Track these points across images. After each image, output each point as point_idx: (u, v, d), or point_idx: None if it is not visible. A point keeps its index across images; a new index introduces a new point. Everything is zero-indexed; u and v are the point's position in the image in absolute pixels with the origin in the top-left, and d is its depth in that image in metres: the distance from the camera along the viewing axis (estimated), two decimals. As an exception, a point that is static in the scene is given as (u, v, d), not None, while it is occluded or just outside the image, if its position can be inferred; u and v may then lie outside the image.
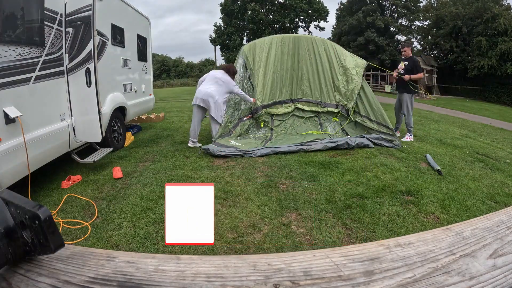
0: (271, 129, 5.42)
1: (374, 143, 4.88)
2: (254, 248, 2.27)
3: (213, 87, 4.71)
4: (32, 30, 2.97)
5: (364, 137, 4.97)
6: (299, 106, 5.67)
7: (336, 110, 5.53)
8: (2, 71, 2.56)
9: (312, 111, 5.69)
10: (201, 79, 5.09)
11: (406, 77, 5.32)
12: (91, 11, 3.41)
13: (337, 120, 5.56)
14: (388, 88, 26.05)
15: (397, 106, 5.75)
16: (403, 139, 5.44)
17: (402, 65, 5.55)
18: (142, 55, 6.11)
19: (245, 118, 5.27)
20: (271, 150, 4.48)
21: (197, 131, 4.95)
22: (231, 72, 4.92)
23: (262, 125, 5.38)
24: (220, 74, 4.84)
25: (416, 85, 5.58)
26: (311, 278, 0.35)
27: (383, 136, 4.99)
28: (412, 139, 5.48)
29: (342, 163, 4.07)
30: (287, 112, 5.64)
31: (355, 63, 5.65)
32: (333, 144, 4.65)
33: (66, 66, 3.51)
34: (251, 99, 5.00)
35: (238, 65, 5.38)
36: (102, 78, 3.94)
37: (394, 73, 5.55)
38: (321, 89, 5.65)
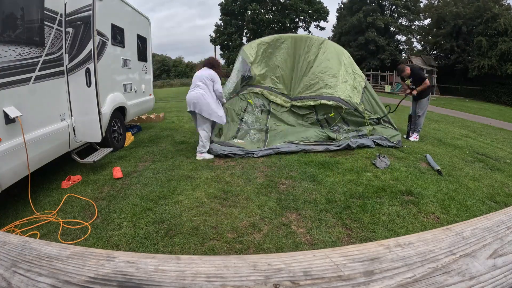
0: (267, 130, 5.24)
1: (376, 143, 4.88)
2: (254, 248, 2.27)
3: (199, 88, 4.34)
4: (32, 30, 2.97)
5: (366, 137, 4.98)
6: (294, 103, 5.57)
7: (329, 103, 5.34)
8: (2, 71, 2.56)
9: (307, 106, 5.52)
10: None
11: (414, 92, 5.55)
12: (91, 11, 3.41)
13: (333, 115, 5.41)
14: (388, 88, 26.08)
15: (413, 112, 5.74)
16: (411, 138, 5.62)
17: (408, 82, 5.70)
18: (142, 55, 6.11)
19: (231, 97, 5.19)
20: (273, 150, 4.48)
21: (207, 138, 4.47)
22: (215, 65, 4.59)
23: (251, 102, 5.26)
24: (203, 71, 4.48)
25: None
26: (311, 278, 0.35)
27: (385, 136, 5.00)
28: (417, 139, 5.66)
29: (342, 163, 4.07)
30: (284, 106, 5.54)
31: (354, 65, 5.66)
32: (335, 148, 4.65)
33: (66, 66, 3.51)
34: (224, 100, 4.61)
35: (238, 63, 5.31)
36: (102, 78, 3.94)
37: (414, 92, 5.58)
38: (319, 88, 5.55)
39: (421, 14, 32.05)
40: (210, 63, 4.62)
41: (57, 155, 3.48)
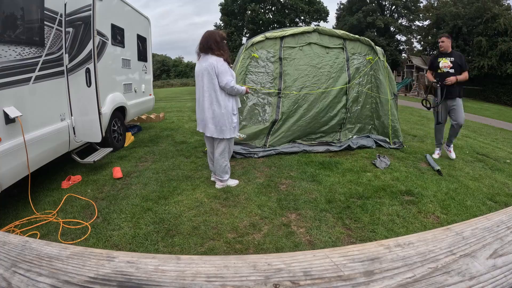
0: (279, 94, 4.41)
1: (377, 144, 4.88)
2: (254, 248, 2.26)
3: (207, 95, 3.05)
4: (32, 30, 2.97)
5: (368, 137, 4.98)
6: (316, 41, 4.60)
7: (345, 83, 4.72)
8: (2, 71, 2.56)
9: (335, 46, 4.62)
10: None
11: (453, 79, 4.00)
12: (91, 11, 3.41)
13: (371, 58, 4.77)
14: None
15: (443, 116, 4.28)
16: (451, 156, 4.44)
17: (446, 62, 4.11)
18: (142, 55, 6.11)
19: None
20: (274, 151, 4.48)
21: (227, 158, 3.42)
22: (215, 45, 3.03)
23: (256, 56, 4.30)
24: (203, 60, 3.09)
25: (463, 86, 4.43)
26: (311, 278, 0.35)
27: (386, 139, 4.98)
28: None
29: (342, 163, 4.07)
30: (301, 42, 4.55)
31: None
32: (336, 148, 4.66)
33: (66, 66, 3.51)
34: (243, 88, 3.23)
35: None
36: (102, 78, 3.95)
37: (449, 81, 4.03)
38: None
39: (421, 14, 32.07)
40: (207, 45, 3.04)
41: (57, 155, 3.48)
